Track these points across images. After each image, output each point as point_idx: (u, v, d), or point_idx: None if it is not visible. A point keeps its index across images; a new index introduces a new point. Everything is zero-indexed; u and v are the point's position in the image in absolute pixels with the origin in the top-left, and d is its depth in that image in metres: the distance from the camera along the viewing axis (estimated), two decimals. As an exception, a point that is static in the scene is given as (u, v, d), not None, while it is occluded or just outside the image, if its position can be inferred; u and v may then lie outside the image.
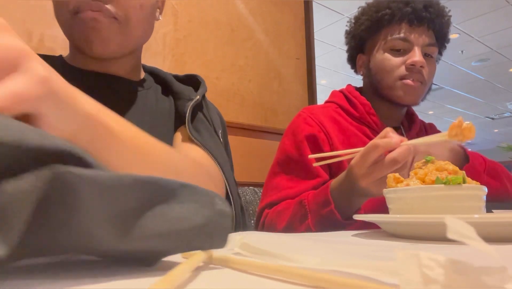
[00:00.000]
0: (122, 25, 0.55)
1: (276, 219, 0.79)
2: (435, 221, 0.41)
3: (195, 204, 0.23)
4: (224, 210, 0.24)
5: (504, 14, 3.71)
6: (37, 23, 1.05)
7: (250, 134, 1.51)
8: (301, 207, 0.74)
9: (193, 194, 0.23)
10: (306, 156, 0.84)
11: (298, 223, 0.73)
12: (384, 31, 0.92)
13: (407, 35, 0.89)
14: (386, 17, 0.90)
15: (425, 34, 0.89)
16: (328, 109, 0.95)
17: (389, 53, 0.91)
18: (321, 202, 0.70)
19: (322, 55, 4.43)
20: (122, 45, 0.57)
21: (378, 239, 0.47)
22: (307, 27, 1.79)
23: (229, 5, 1.53)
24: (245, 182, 1.30)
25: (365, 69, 0.98)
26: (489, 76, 5.24)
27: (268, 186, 0.89)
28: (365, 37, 0.97)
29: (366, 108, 0.93)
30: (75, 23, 0.53)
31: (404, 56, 0.89)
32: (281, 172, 0.88)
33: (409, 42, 0.89)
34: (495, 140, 8.31)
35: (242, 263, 0.24)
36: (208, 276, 0.23)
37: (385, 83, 0.91)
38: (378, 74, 0.93)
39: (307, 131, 0.88)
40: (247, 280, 0.22)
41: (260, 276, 0.22)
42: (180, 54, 1.36)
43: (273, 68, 1.64)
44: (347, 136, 0.89)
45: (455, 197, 0.47)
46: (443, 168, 0.50)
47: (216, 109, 0.76)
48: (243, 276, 0.23)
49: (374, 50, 0.95)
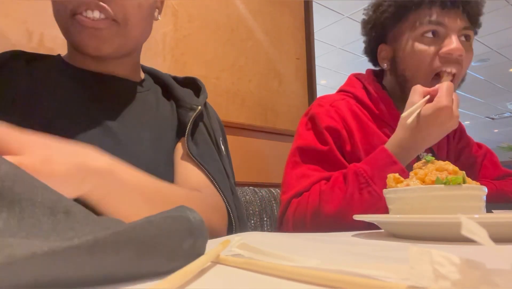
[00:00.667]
0: (121, 26, 0.55)
1: (325, 199, 0.71)
2: (435, 221, 0.41)
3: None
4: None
5: (504, 14, 3.71)
6: (37, 23, 1.05)
7: (250, 134, 1.51)
8: (358, 176, 0.69)
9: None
10: (330, 146, 0.79)
11: (358, 193, 0.69)
12: (411, 17, 0.81)
13: (440, 18, 0.78)
14: (415, 0, 0.79)
15: (460, 17, 0.79)
16: (348, 103, 0.86)
17: (421, 41, 0.80)
18: (383, 164, 0.69)
19: (322, 55, 4.43)
20: (120, 45, 0.57)
21: (378, 239, 0.47)
22: (307, 27, 1.79)
23: (229, 6, 1.53)
24: (245, 182, 1.30)
25: (389, 62, 0.88)
26: (489, 76, 5.24)
27: (292, 176, 0.81)
28: (389, 26, 0.86)
29: (388, 107, 0.85)
30: (74, 24, 0.53)
31: (439, 44, 0.79)
32: (304, 161, 0.81)
33: (443, 27, 0.78)
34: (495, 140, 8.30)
35: (248, 264, 0.24)
36: (213, 276, 0.23)
37: (416, 80, 0.80)
38: (407, 70, 0.83)
39: (328, 123, 0.82)
40: (255, 280, 0.22)
41: (267, 275, 0.22)
42: (180, 54, 1.36)
43: (273, 68, 1.64)
44: (368, 136, 0.83)
45: (455, 197, 0.47)
46: (443, 168, 0.50)
47: (215, 115, 0.76)
48: (249, 276, 0.23)
49: (400, 40, 0.84)
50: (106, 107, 0.59)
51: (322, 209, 0.71)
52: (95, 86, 0.60)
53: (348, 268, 0.20)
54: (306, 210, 0.73)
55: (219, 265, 0.26)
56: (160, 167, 0.58)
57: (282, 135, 1.58)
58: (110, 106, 0.60)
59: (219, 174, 0.61)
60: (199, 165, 0.59)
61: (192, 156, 0.59)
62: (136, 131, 0.59)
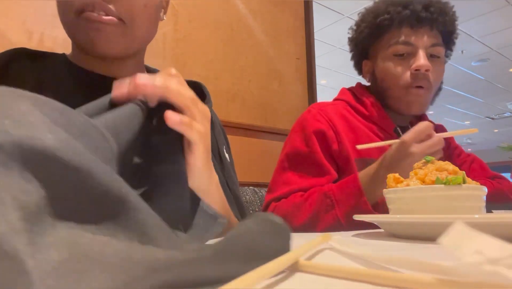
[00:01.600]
0: (127, 26, 0.55)
1: (295, 211, 0.77)
2: (435, 221, 0.41)
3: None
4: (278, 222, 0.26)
5: (504, 14, 3.71)
6: (37, 23, 1.05)
7: (250, 134, 1.51)
8: (326, 198, 0.74)
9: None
10: (316, 151, 0.84)
11: (323, 213, 0.73)
12: (385, 36, 0.89)
13: (408, 38, 0.85)
14: (386, 22, 0.87)
15: (428, 35, 0.85)
16: (337, 106, 0.93)
17: (392, 60, 0.88)
18: (351, 193, 0.71)
19: (322, 55, 4.43)
20: (126, 46, 0.57)
21: (378, 239, 0.47)
22: (307, 27, 1.79)
23: (229, 5, 1.53)
24: (245, 182, 1.30)
25: (371, 76, 0.97)
26: (489, 76, 5.24)
27: (277, 181, 0.88)
28: (368, 44, 0.95)
29: (376, 109, 0.92)
30: (79, 24, 0.53)
31: (409, 61, 0.86)
32: (290, 167, 0.87)
33: (412, 46, 0.85)
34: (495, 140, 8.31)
35: (330, 269, 0.23)
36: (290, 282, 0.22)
37: (391, 93, 0.89)
38: (384, 82, 0.91)
39: (316, 127, 0.86)
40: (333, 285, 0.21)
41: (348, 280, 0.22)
42: (180, 54, 1.36)
43: (273, 68, 1.64)
44: (356, 134, 0.88)
45: (455, 197, 0.47)
46: (443, 168, 0.50)
47: (218, 121, 0.76)
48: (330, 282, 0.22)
49: (377, 57, 0.92)
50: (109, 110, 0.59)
51: (290, 220, 0.77)
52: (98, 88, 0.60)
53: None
54: (286, 215, 0.79)
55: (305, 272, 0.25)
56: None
57: (282, 135, 1.58)
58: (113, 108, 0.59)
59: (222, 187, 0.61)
60: None
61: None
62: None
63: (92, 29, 0.52)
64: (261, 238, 0.23)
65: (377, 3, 0.92)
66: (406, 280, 0.19)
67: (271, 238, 0.24)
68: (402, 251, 0.35)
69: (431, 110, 0.96)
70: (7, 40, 1.01)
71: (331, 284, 0.21)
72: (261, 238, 0.23)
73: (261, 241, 0.23)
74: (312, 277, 0.23)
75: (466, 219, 0.39)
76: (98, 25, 0.52)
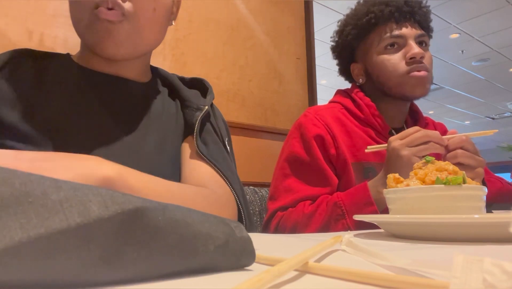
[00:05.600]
0: (135, 29, 0.55)
1: (305, 221, 0.79)
2: (435, 221, 0.41)
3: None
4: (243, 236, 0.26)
5: (504, 14, 3.71)
6: (37, 23, 1.05)
7: (250, 134, 1.51)
8: (336, 208, 0.76)
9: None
10: (318, 158, 0.86)
11: (334, 223, 0.76)
12: (373, 34, 0.94)
13: (397, 31, 0.90)
14: (372, 21, 0.92)
15: (412, 26, 0.91)
16: (333, 110, 0.95)
17: (385, 52, 0.92)
18: (361, 203, 0.74)
19: (322, 55, 4.41)
20: (134, 47, 0.58)
21: (378, 239, 0.48)
22: (307, 27, 1.79)
23: (229, 5, 1.53)
24: (245, 182, 1.29)
25: (364, 76, 0.98)
26: (489, 76, 5.24)
27: (279, 188, 0.89)
28: (355, 46, 0.99)
29: (371, 110, 0.93)
30: (91, 23, 0.53)
31: (401, 51, 0.91)
32: (292, 174, 0.88)
33: (401, 38, 0.90)
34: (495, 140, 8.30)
35: (339, 271, 0.23)
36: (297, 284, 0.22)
37: (392, 82, 0.91)
38: (381, 76, 0.93)
39: (314, 132, 0.88)
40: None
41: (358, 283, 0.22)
42: (180, 54, 1.36)
43: (273, 68, 1.64)
44: (352, 138, 0.90)
45: (455, 197, 0.47)
46: (443, 168, 0.50)
47: (221, 115, 0.76)
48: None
49: (368, 56, 0.95)
50: (113, 109, 0.59)
51: (301, 230, 0.79)
52: (103, 88, 0.60)
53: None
54: (287, 225, 0.81)
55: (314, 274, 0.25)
56: (165, 169, 0.58)
57: (282, 135, 1.58)
58: (118, 108, 0.60)
59: (229, 172, 0.60)
60: (209, 163, 0.58)
61: (203, 155, 0.59)
62: (142, 133, 0.59)
63: (102, 30, 0.53)
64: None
65: (357, 7, 0.98)
66: (417, 283, 0.19)
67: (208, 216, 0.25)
68: (402, 251, 0.35)
69: (431, 110, 0.97)
70: (7, 40, 1.01)
71: (339, 286, 0.21)
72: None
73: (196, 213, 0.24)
74: (321, 279, 0.23)
75: (466, 219, 0.39)
76: (108, 25, 0.53)
